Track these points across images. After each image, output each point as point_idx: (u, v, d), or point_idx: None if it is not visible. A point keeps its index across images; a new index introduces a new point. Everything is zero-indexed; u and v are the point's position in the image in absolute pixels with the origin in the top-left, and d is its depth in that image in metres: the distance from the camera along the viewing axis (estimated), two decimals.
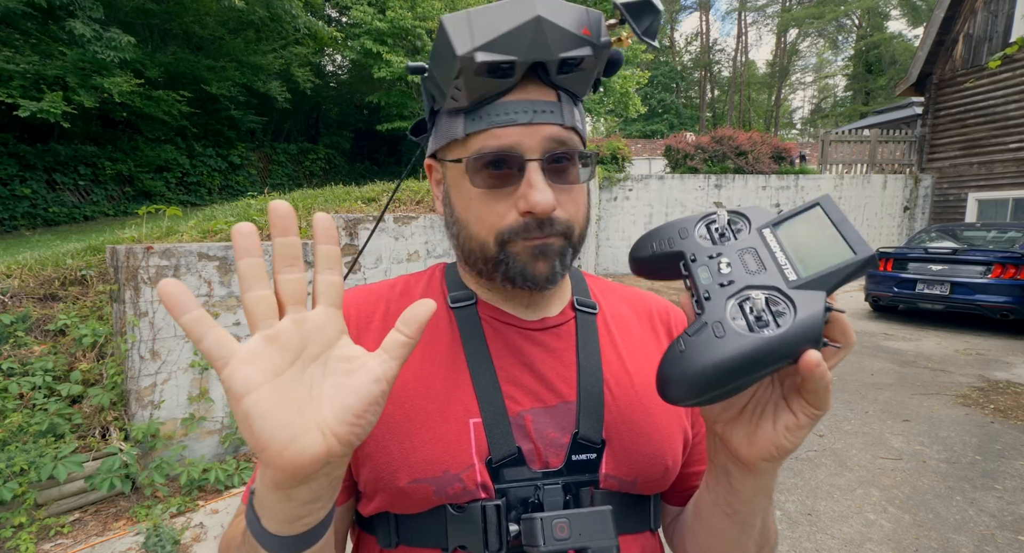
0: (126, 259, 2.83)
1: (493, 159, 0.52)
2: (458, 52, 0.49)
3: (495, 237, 0.54)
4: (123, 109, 9.53)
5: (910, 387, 4.51)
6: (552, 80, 0.53)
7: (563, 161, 0.54)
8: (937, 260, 6.62)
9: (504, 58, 0.49)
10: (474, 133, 0.53)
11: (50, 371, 2.73)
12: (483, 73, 0.50)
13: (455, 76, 0.51)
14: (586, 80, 0.55)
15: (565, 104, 0.54)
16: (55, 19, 8.09)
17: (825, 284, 0.38)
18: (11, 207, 8.79)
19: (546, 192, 0.51)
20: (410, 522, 0.54)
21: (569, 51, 0.50)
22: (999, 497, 2.79)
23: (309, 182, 13.47)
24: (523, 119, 0.52)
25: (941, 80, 12.01)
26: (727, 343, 0.37)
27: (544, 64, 0.51)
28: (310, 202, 4.51)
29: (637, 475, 0.57)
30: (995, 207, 11.05)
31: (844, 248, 0.38)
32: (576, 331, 0.62)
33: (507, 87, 0.52)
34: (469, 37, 0.49)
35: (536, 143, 0.52)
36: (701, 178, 11.34)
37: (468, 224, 0.57)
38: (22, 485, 2.41)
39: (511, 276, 0.56)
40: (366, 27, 11.52)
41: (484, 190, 0.54)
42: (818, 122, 38.27)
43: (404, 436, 0.54)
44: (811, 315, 0.36)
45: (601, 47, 0.52)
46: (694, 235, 0.47)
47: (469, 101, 0.53)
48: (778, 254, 0.41)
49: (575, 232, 0.57)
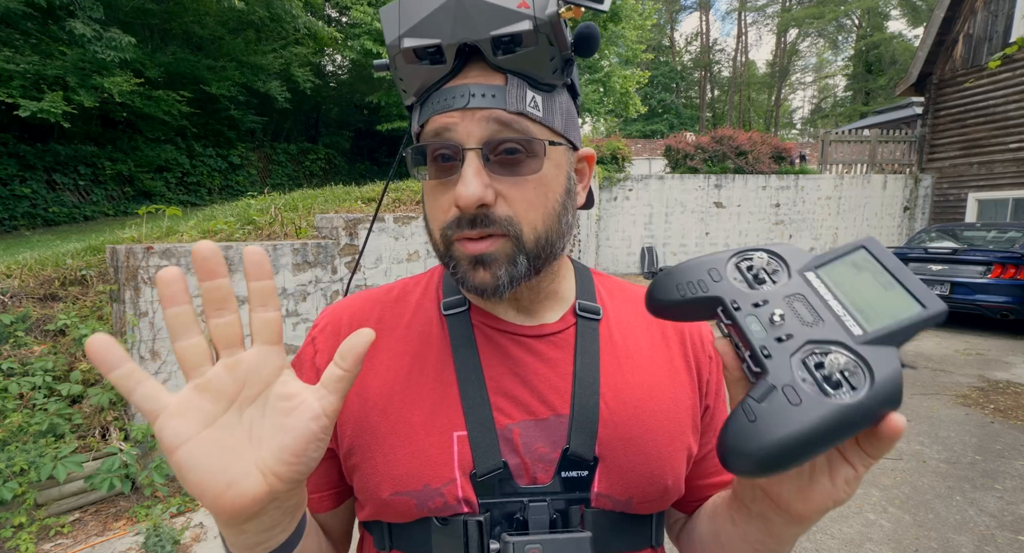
0: (126, 259, 2.83)
1: (434, 147, 0.50)
2: (387, 40, 0.48)
3: (439, 234, 0.52)
4: (123, 109, 9.53)
5: (910, 387, 4.51)
6: (494, 62, 0.48)
7: (514, 151, 0.49)
8: (937, 260, 6.62)
9: (427, 42, 0.47)
10: (424, 122, 0.51)
11: (50, 371, 2.73)
12: (413, 59, 0.48)
13: (395, 67, 0.50)
14: (539, 59, 0.49)
15: (515, 88, 0.49)
16: (55, 19, 8.09)
17: (896, 340, 0.34)
18: (11, 207, 8.79)
19: (471, 184, 0.47)
20: (400, 530, 0.54)
21: (502, 28, 0.46)
22: (999, 497, 2.79)
23: (309, 182, 13.46)
24: (459, 103, 0.48)
25: (941, 80, 12.01)
26: (807, 411, 0.33)
27: (477, 45, 0.47)
28: (310, 202, 4.51)
29: (632, 494, 0.54)
30: (995, 207, 11.05)
31: (909, 301, 0.35)
32: (575, 340, 0.59)
33: (445, 73, 0.49)
34: (396, 24, 0.48)
35: (475, 129, 0.48)
36: (701, 178, 11.34)
37: (427, 220, 0.55)
38: (22, 485, 2.40)
39: (459, 280, 0.53)
40: (366, 27, 11.51)
41: (433, 182, 0.52)
42: (818, 122, 38.27)
43: (388, 448, 0.53)
44: (891, 376, 0.33)
45: (545, 21, 0.46)
46: (728, 277, 0.41)
47: (414, 91, 0.51)
48: (832, 303, 0.37)
49: (524, 233, 0.50)
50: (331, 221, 3.89)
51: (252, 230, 3.81)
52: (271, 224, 3.91)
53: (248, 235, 3.75)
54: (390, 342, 0.58)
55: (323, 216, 4.00)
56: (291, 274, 3.45)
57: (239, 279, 3.21)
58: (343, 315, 0.61)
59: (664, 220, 11.34)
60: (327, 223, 3.92)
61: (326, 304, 3.65)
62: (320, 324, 0.61)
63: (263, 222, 3.91)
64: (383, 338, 0.59)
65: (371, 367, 0.57)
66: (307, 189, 5.95)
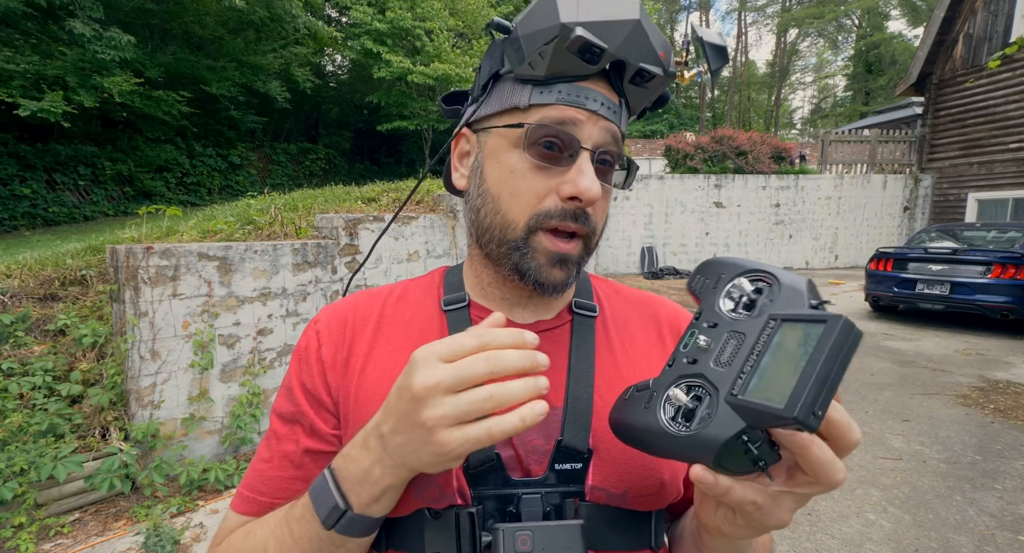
0: (126, 259, 2.83)
1: (553, 133, 0.52)
2: (562, 19, 0.49)
3: (528, 218, 0.53)
4: (123, 109, 9.53)
5: (910, 387, 4.51)
6: (621, 85, 0.54)
7: (608, 162, 0.55)
8: (937, 260, 6.61)
9: (600, 42, 0.50)
10: (538, 105, 0.53)
11: (50, 371, 2.73)
12: (574, 49, 0.50)
13: (546, 42, 0.51)
14: (644, 99, 0.57)
15: (624, 112, 0.56)
16: (55, 19, 8.09)
17: (748, 418, 0.34)
18: (11, 207, 8.79)
19: (596, 182, 0.52)
20: (395, 525, 0.54)
21: (648, 64, 0.52)
22: (999, 497, 2.79)
23: (309, 182, 13.46)
24: (591, 106, 0.52)
25: (941, 80, 12.01)
26: (643, 416, 0.41)
27: (624, 66, 0.53)
28: (310, 202, 4.51)
29: (627, 488, 0.54)
30: (995, 207, 11.05)
31: (787, 394, 0.32)
32: (571, 335, 0.60)
33: (585, 73, 0.52)
34: (576, 9, 0.50)
35: (595, 133, 0.53)
36: (701, 178, 11.34)
37: (499, 198, 0.55)
38: (22, 485, 2.40)
39: (522, 270, 0.55)
40: (366, 27, 11.52)
41: (534, 163, 0.53)
42: (818, 122, 38.27)
43: None
44: (713, 436, 0.35)
45: (669, 74, 0.54)
46: (723, 289, 0.44)
47: (546, 72, 0.52)
48: (753, 356, 0.37)
49: (595, 237, 0.57)
50: (331, 221, 3.89)
51: (252, 230, 3.81)
52: (271, 224, 3.91)
53: (248, 235, 3.75)
54: (391, 337, 0.59)
55: (323, 216, 4.00)
56: (291, 274, 3.45)
57: (239, 279, 3.21)
58: (347, 310, 0.62)
59: (664, 220, 11.34)
60: (327, 223, 3.92)
61: (326, 304, 3.65)
62: (323, 319, 0.62)
63: (263, 222, 3.91)
64: (384, 333, 0.60)
65: (371, 361, 0.57)
66: (307, 189, 5.95)
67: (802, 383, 0.32)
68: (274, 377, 3.40)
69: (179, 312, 2.98)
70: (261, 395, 3.30)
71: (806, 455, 0.35)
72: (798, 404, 0.31)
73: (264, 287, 3.33)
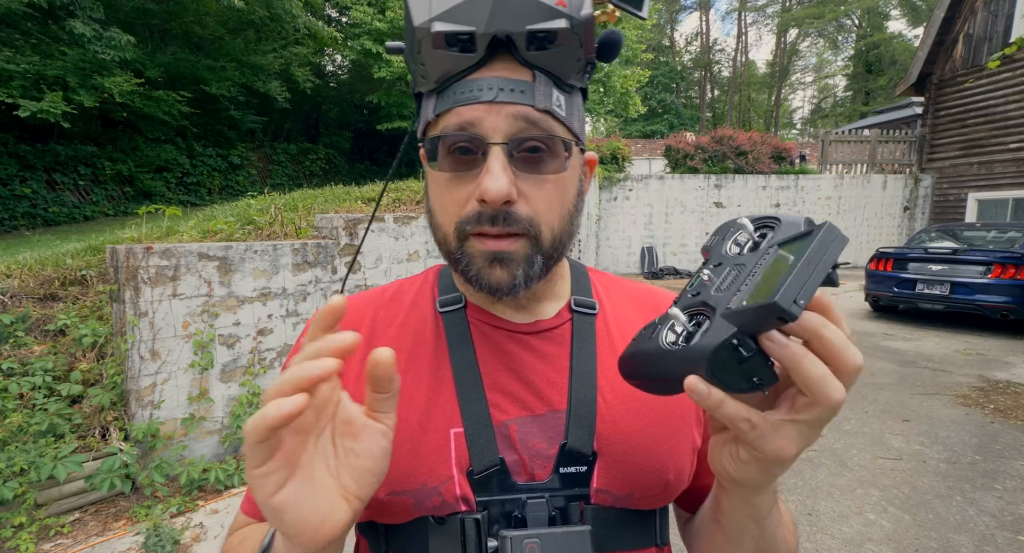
0: (126, 259, 2.83)
1: (454, 140, 0.48)
2: (415, 22, 0.46)
3: (455, 228, 0.51)
4: (123, 109, 9.53)
5: (910, 387, 4.51)
6: (524, 57, 0.48)
7: (537, 149, 0.49)
8: (937, 260, 6.61)
9: (461, 28, 0.45)
10: (442, 113, 0.50)
11: (50, 371, 2.73)
12: (441, 45, 0.46)
13: (418, 50, 0.48)
14: (568, 59, 0.48)
15: (542, 85, 0.48)
16: (55, 19, 8.09)
17: (737, 321, 0.35)
18: (11, 207, 8.79)
19: (499, 179, 0.46)
20: (397, 531, 0.53)
21: (539, 23, 0.45)
22: (999, 497, 2.79)
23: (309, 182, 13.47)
24: (487, 96, 0.47)
25: (941, 80, 12.01)
26: (643, 345, 0.42)
27: (512, 38, 0.46)
28: (310, 202, 4.51)
29: (633, 490, 0.53)
30: (995, 207, 11.05)
31: (773, 287, 0.34)
32: (571, 335, 0.58)
33: (472, 63, 0.48)
34: (427, 7, 0.46)
35: (501, 124, 0.47)
36: (701, 178, 11.34)
37: (435, 213, 0.53)
38: (22, 485, 2.41)
39: (469, 278, 0.52)
40: (366, 27, 11.52)
41: (448, 174, 0.50)
42: (818, 122, 38.27)
43: None
44: (703, 345, 0.36)
45: (580, 21, 0.46)
46: (728, 239, 0.46)
47: (434, 79, 0.49)
48: (750, 278, 0.38)
49: (542, 233, 0.50)
50: (331, 221, 3.89)
51: (252, 230, 3.81)
52: (271, 224, 3.91)
53: (248, 235, 3.75)
54: (384, 341, 0.58)
55: (323, 216, 4.00)
56: (291, 274, 3.45)
57: (239, 279, 3.21)
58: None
59: (664, 220, 11.34)
60: (327, 223, 3.92)
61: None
62: None
63: (263, 222, 3.91)
64: (377, 337, 0.58)
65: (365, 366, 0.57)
66: (307, 189, 5.95)
67: (784, 278, 0.33)
68: (274, 377, 3.40)
69: (179, 312, 2.98)
70: (261, 395, 3.30)
71: (799, 369, 0.34)
72: (778, 293, 0.32)
73: (264, 287, 3.33)
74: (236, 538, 0.56)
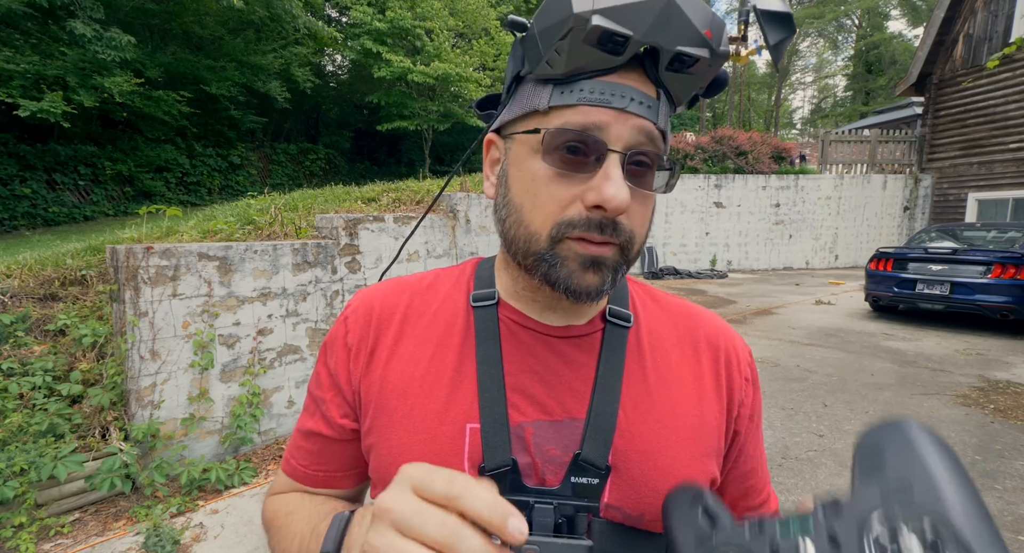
0: (126, 259, 2.83)
1: (574, 138, 0.47)
2: (575, 9, 0.44)
3: (550, 228, 0.49)
4: (123, 109, 9.53)
5: (910, 387, 4.51)
6: (658, 75, 0.48)
7: (645, 164, 0.49)
8: (937, 260, 6.62)
9: (621, 30, 0.44)
10: (559, 106, 0.48)
11: (50, 371, 2.73)
12: (593, 41, 0.45)
13: (561, 36, 0.46)
14: (690, 86, 0.49)
15: (664, 104, 0.49)
16: (55, 19, 8.09)
17: None
18: (11, 207, 8.79)
19: (623, 188, 0.46)
20: None
21: (688, 47, 0.45)
22: (999, 497, 2.79)
23: (309, 182, 13.47)
24: (619, 103, 0.47)
25: (941, 80, 12.01)
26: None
27: (657, 52, 0.46)
28: (310, 202, 4.51)
29: (644, 510, 0.52)
30: (995, 207, 11.05)
31: None
32: (601, 344, 0.57)
33: (610, 65, 0.47)
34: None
35: (625, 134, 0.47)
36: (701, 178, 11.34)
37: (523, 208, 0.51)
38: (22, 485, 2.41)
39: (552, 280, 0.50)
40: (366, 27, 11.53)
41: (555, 170, 0.48)
42: (818, 122, 38.28)
43: (403, 432, 0.54)
44: None
45: (719, 55, 0.47)
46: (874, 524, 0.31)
47: (565, 70, 0.47)
48: None
49: (634, 246, 0.51)
50: (331, 221, 3.89)
51: (252, 230, 3.81)
52: (271, 224, 3.92)
53: (248, 235, 3.75)
54: (416, 329, 0.59)
55: (323, 216, 4.00)
56: (291, 274, 3.45)
57: (239, 279, 3.21)
58: (375, 299, 0.62)
59: (664, 220, 11.34)
60: (327, 223, 3.92)
61: (326, 304, 3.66)
62: (353, 304, 0.62)
63: (263, 222, 3.91)
64: (410, 324, 0.59)
65: (396, 354, 0.57)
66: (307, 189, 5.95)
67: None
68: (274, 377, 3.40)
69: (179, 312, 2.98)
70: (261, 395, 3.30)
71: None
72: None
73: (264, 287, 3.33)
74: (282, 506, 0.59)
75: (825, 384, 4.61)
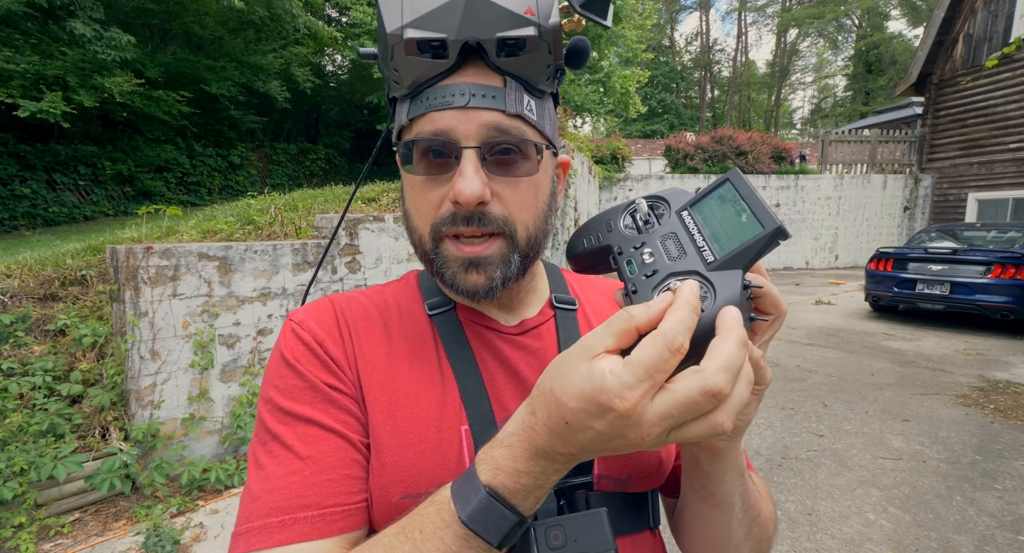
0: (126, 259, 2.83)
1: (428, 145, 0.50)
2: (388, 29, 0.47)
3: (429, 229, 0.53)
4: (123, 109, 9.53)
5: (910, 387, 4.51)
6: (495, 63, 0.50)
7: (509, 152, 0.51)
8: (937, 260, 6.62)
9: (432, 35, 0.47)
10: (416, 117, 0.51)
11: (50, 371, 2.73)
12: (413, 51, 0.48)
13: (391, 56, 0.49)
14: (537, 65, 0.51)
15: (512, 91, 0.50)
16: (55, 19, 8.08)
17: (740, 261, 0.38)
18: (11, 207, 8.79)
19: (472, 181, 0.48)
20: None
21: (508, 31, 0.47)
22: (999, 497, 2.79)
23: (309, 182, 13.47)
24: (459, 102, 0.49)
25: (941, 80, 12.01)
26: None
27: (482, 44, 0.48)
28: (310, 202, 4.51)
29: (631, 471, 0.56)
30: (995, 207, 11.05)
31: (753, 222, 0.38)
32: (556, 330, 0.61)
33: (444, 69, 0.49)
34: (399, 13, 0.47)
35: (473, 129, 0.49)
36: (701, 178, 11.34)
37: (410, 216, 0.55)
38: (22, 485, 2.41)
39: (446, 282, 0.54)
40: (366, 27, 11.52)
41: (423, 177, 0.52)
42: (818, 122, 38.27)
43: (396, 449, 0.52)
44: (729, 296, 0.36)
45: (548, 29, 0.48)
46: (620, 226, 0.48)
47: (408, 84, 0.51)
48: (696, 236, 0.41)
49: (518, 233, 0.53)
50: (331, 221, 3.89)
51: (252, 230, 3.81)
52: (271, 224, 3.91)
53: (248, 235, 3.75)
54: (382, 342, 0.57)
55: (323, 216, 4.00)
56: (291, 274, 3.45)
57: (239, 279, 3.21)
58: (327, 311, 0.58)
59: None
60: (327, 223, 3.92)
61: None
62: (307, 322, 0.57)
63: (263, 222, 3.90)
64: (373, 336, 0.57)
65: (371, 367, 0.55)
66: (307, 189, 5.95)
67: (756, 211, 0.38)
68: None
69: (179, 312, 2.98)
70: None
71: (770, 287, 0.41)
72: (767, 218, 0.37)
73: (264, 287, 3.33)
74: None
75: (825, 384, 4.61)
